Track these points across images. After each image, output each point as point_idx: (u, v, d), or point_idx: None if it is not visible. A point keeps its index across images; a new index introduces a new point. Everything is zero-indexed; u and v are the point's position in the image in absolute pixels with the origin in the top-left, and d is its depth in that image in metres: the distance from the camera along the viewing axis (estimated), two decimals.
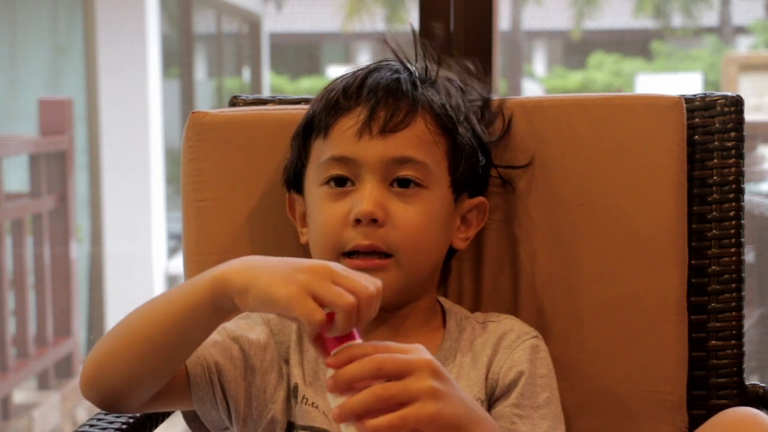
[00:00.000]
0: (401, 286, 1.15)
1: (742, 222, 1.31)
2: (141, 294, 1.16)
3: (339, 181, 1.16)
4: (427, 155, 1.15)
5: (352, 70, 1.21)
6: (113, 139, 5.70)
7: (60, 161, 4.38)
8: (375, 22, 12.89)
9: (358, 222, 1.13)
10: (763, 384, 1.32)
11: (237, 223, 1.31)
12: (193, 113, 1.33)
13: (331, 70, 12.97)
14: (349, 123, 1.15)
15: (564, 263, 1.29)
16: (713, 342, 1.31)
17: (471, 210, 1.23)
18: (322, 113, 1.18)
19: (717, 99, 1.33)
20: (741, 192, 1.32)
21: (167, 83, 6.76)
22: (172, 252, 6.46)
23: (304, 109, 1.25)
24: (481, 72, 1.30)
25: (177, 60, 7.51)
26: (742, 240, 1.31)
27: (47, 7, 5.67)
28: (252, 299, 0.95)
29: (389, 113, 1.15)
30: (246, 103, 1.42)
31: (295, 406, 1.15)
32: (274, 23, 13.15)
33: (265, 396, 1.14)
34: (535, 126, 1.31)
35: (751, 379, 1.32)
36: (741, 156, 1.32)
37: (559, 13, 14.95)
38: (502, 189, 1.30)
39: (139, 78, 5.90)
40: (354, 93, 1.17)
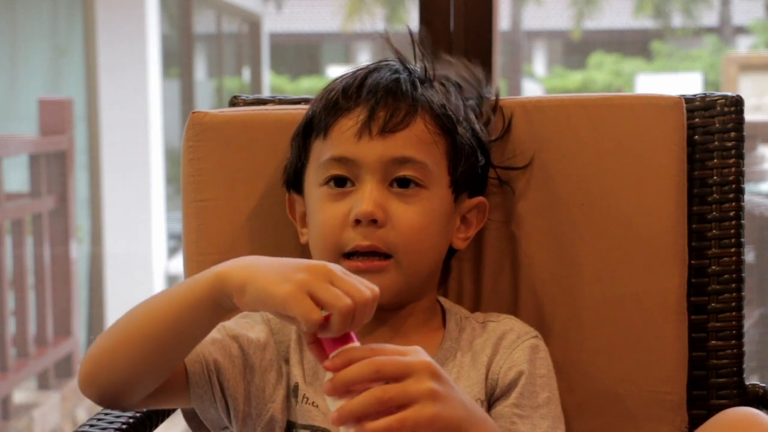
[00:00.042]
0: (401, 286, 1.15)
1: (742, 222, 1.31)
2: (141, 294, 1.16)
3: (339, 182, 1.16)
4: (427, 155, 1.15)
5: (351, 70, 1.21)
6: (113, 139, 5.70)
7: (60, 161, 4.38)
8: (375, 22, 12.90)
9: (357, 222, 1.13)
10: (763, 384, 1.32)
11: (237, 223, 1.31)
12: (193, 113, 1.33)
13: (331, 70, 12.97)
14: (349, 123, 1.15)
15: (564, 263, 1.29)
16: (713, 342, 1.31)
17: (471, 210, 1.23)
18: (321, 113, 1.18)
19: (717, 99, 1.33)
20: (741, 192, 1.32)
21: (167, 83, 6.76)
22: (172, 252, 6.46)
23: (304, 109, 1.25)
24: (481, 72, 1.30)
25: (177, 60, 7.51)
26: (742, 240, 1.31)
27: (47, 7, 5.67)
28: (249, 297, 0.95)
29: (389, 113, 1.15)
30: (246, 103, 1.42)
31: (296, 405, 1.15)
32: (274, 23, 13.15)
33: (264, 395, 1.14)
34: (535, 126, 1.31)
35: (751, 379, 1.32)
36: (741, 156, 1.32)
37: (559, 13, 14.95)
38: (501, 189, 1.30)
39: (139, 78, 5.90)
40: (354, 93, 1.17)
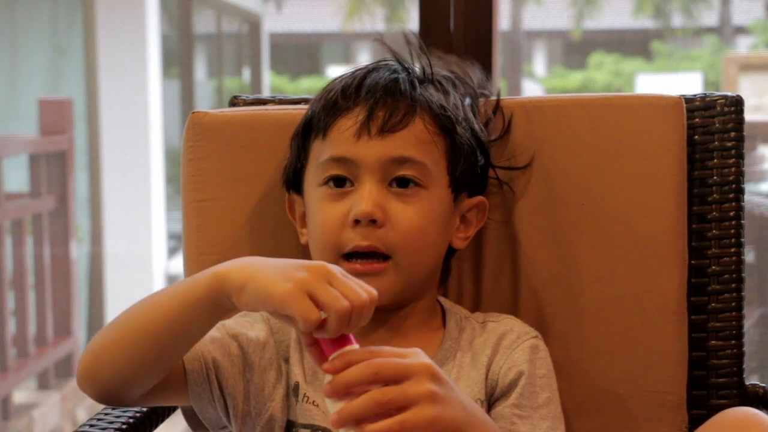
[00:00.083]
0: (400, 287, 1.15)
1: (742, 222, 1.31)
2: (141, 294, 1.16)
3: (338, 182, 1.16)
4: (426, 155, 1.15)
5: (351, 70, 1.21)
6: (113, 139, 5.70)
7: (60, 161, 4.38)
8: (375, 22, 12.90)
9: (357, 223, 1.13)
10: (763, 384, 1.32)
11: (237, 223, 1.31)
12: (193, 113, 1.33)
13: (331, 70, 12.98)
14: (348, 123, 1.15)
15: (564, 263, 1.29)
16: (713, 342, 1.31)
17: (470, 209, 1.23)
18: (320, 113, 1.18)
19: (717, 99, 1.33)
20: (741, 192, 1.32)
21: (167, 83, 6.76)
22: (172, 252, 6.46)
23: (304, 109, 1.25)
24: (480, 71, 1.30)
25: (177, 60, 7.51)
26: (742, 240, 1.31)
27: (47, 7, 5.68)
28: (248, 296, 0.95)
29: (388, 113, 1.15)
30: (246, 103, 1.42)
31: (296, 404, 1.15)
32: (274, 23, 13.15)
33: (264, 394, 1.14)
34: (535, 126, 1.31)
35: (751, 379, 1.33)
36: (741, 156, 1.32)
37: (559, 13, 14.96)
38: (501, 189, 1.30)
39: (139, 78, 5.90)
40: (352, 93, 1.17)
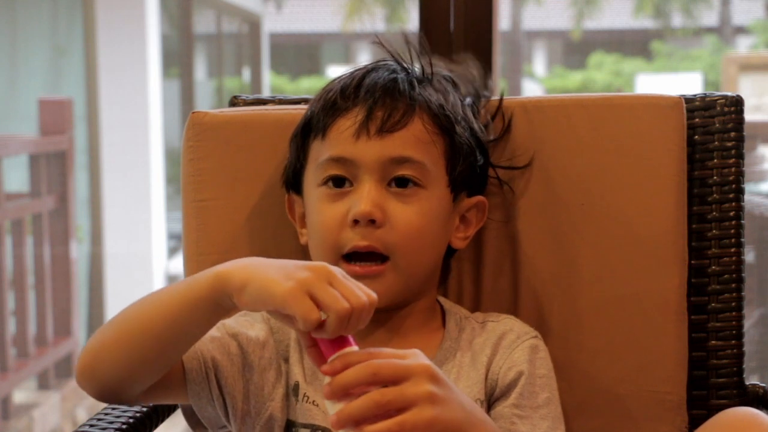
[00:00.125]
0: (399, 288, 1.15)
1: (742, 222, 1.31)
2: (141, 294, 1.16)
3: (337, 182, 1.16)
4: (425, 155, 1.15)
5: (350, 70, 1.21)
6: (113, 139, 5.70)
7: (60, 161, 4.38)
8: (375, 22, 12.90)
9: (356, 223, 1.13)
10: (763, 384, 1.32)
11: (237, 223, 1.31)
12: (193, 113, 1.33)
13: (331, 70, 12.98)
14: (347, 123, 1.15)
15: (564, 263, 1.29)
16: (713, 342, 1.31)
17: (470, 209, 1.23)
18: (320, 114, 1.18)
19: (717, 99, 1.33)
20: (741, 192, 1.32)
21: (167, 83, 6.76)
22: (172, 252, 6.46)
23: (303, 109, 1.24)
24: (480, 70, 1.30)
25: (177, 60, 7.52)
26: (742, 240, 1.31)
27: (47, 7, 5.68)
28: (249, 296, 0.95)
29: (386, 113, 1.15)
30: (246, 103, 1.42)
31: (296, 404, 1.15)
32: (274, 23, 13.15)
33: (263, 393, 1.14)
34: (535, 126, 1.31)
35: (751, 379, 1.32)
36: (741, 156, 1.32)
37: (559, 13, 14.96)
38: (501, 189, 1.30)
39: (139, 78, 5.90)
40: (351, 93, 1.17)
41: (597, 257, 1.29)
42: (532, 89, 13.48)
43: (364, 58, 14.61)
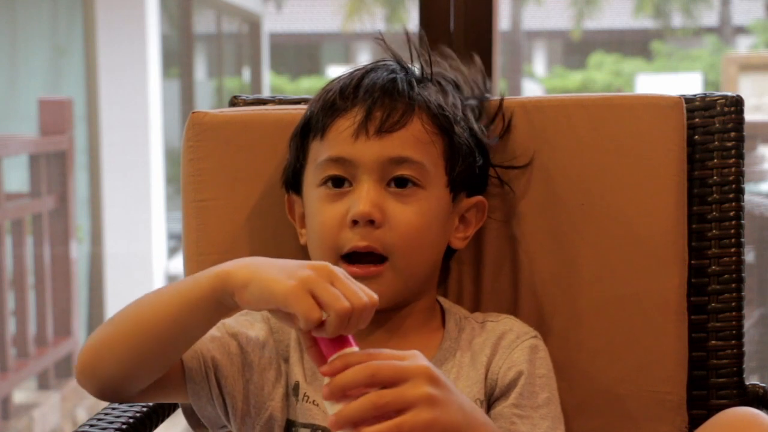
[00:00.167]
0: (399, 288, 1.15)
1: (742, 222, 1.31)
2: (141, 294, 1.16)
3: (336, 182, 1.16)
4: (424, 155, 1.15)
5: (349, 70, 1.21)
6: (113, 139, 5.70)
7: (60, 161, 4.38)
8: (375, 22, 12.91)
9: (355, 223, 1.13)
10: (763, 384, 1.32)
11: (237, 223, 1.31)
12: (193, 113, 1.33)
13: (331, 70, 12.98)
14: (346, 124, 1.15)
15: (564, 263, 1.29)
16: (713, 342, 1.31)
17: (469, 209, 1.23)
18: (319, 114, 1.18)
19: (717, 99, 1.33)
20: (741, 192, 1.32)
21: (167, 83, 6.76)
22: (172, 252, 6.47)
23: (303, 109, 1.24)
24: (481, 69, 1.30)
25: (177, 60, 7.52)
26: (742, 240, 1.31)
27: (47, 7, 5.68)
28: (251, 294, 0.95)
29: (385, 113, 1.14)
30: (246, 103, 1.42)
31: (296, 404, 1.15)
32: (274, 23, 13.16)
33: (263, 393, 1.14)
34: (535, 126, 1.31)
35: (751, 379, 1.32)
36: (741, 156, 1.32)
37: (559, 13, 14.97)
38: (502, 189, 1.30)
39: (139, 78, 5.90)
40: (350, 93, 1.16)
41: (597, 257, 1.29)
42: (532, 89, 13.49)
43: (364, 58, 14.62)
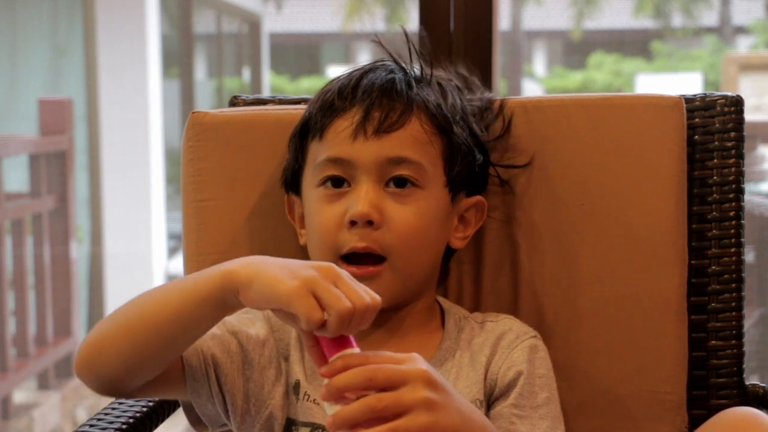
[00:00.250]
0: (398, 289, 1.15)
1: (742, 222, 1.31)
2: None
3: (336, 182, 1.16)
4: (423, 155, 1.15)
5: (348, 70, 1.21)
6: (113, 139, 5.70)
7: (60, 161, 4.38)
8: (375, 22, 12.91)
9: (353, 224, 1.13)
10: (763, 384, 1.32)
11: (237, 223, 1.31)
12: (193, 113, 1.33)
13: (331, 70, 12.98)
14: (344, 124, 1.15)
15: (564, 263, 1.29)
16: (713, 342, 1.31)
17: (469, 209, 1.23)
18: (317, 114, 1.18)
19: (717, 99, 1.33)
20: (741, 192, 1.32)
21: (167, 83, 6.76)
22: (172, 252, 6.47)
23: (303, 109, 1.24)
24: (478, 74, 1.30)
25: (177, 60, 7.52)
26: (742, 240, 1.31)
27: (47, 7, 5.68)
28: (254, 293, 0.95)
29: (384, 114, 1.14)
30: (246, 103, 1.42)
31: (297, 402, 1.15)
32: (274, 23, 13.16)
33: (263, 392, 1.14)
34: (535, 126, 1.31)
35: (751, 379, 1.32)
36: (741, 156, 1.32)
37: (559, 13, 14.97)
38: (502, 189, 1.30)
39: (139, 78, 5.91)
40: (349, 94, 1.16)
41: (597, 257, 1.29)
42: (532, 89, 13.49)
43: (364, 58, 14.61)
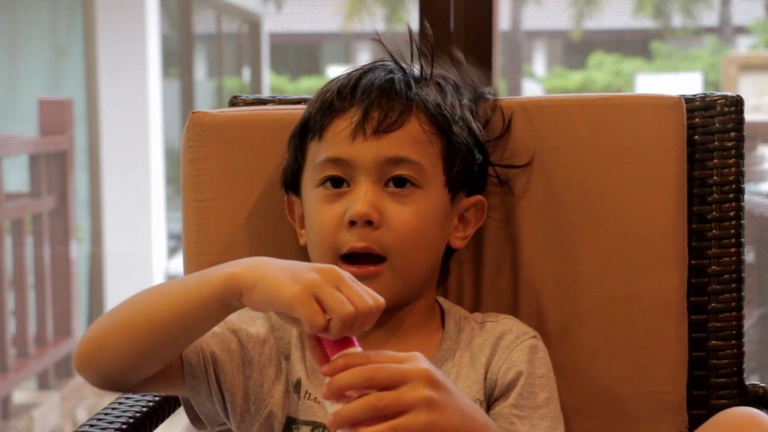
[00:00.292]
0: (397, 289, 1.15)
1: (742, 222, 1.31)
2: None
3: (335, 183, 1.16)
4: (422, 155, 1.15)
5: (348, 70, 1.21)
6: (113, 139, 5.71)
7: (60, 161, 4.38)
8: (375, 22, 12.91)
9: (352, 224, 1.13)
10: (763, 384, 1.32)
11: (237, 223, 1.31)
12: (193, 113, 1.33)
13: (331, 70, 12.99)
14: (343, 124, 1.15)
15: (564, 263, 1.29)
16: (713, 342, 1.31)
17: (469, 209, 1.23)
18: (317, 115, 1.18)
19: (717, 99, 1.33)
20: (741, 192, 1.32)
21: (167, 83, 6.76)
22: (172, 252, 6.47)
23: (303, 109, 1.24)
24: (478, 70, 1.30)
25: (177, 60, 7.52)
26: (742, 240, 1.31)
27: (47, 7, 5.68)
28: (258, 296, 0.95)
29: (383, 114, 1.14)
30: (246, 103, 1.42)
31: (298, 401, 1.15)
32: (274, 23, 13.16)
33: (263, 390, 1.14)
34: (535, 126, 1.31)
35: (751, 379, 1.32)
36: (741, 156, 1.32)
37: (559, 13, 14.97)
38: (501, 189, 1.30)
39: (139, 78, 5.91)
40: (348, 94, 1.16)
41: (597, 257, 1.28)
42: (532, 89, 13.49)
43: (364, 58, 14.62)
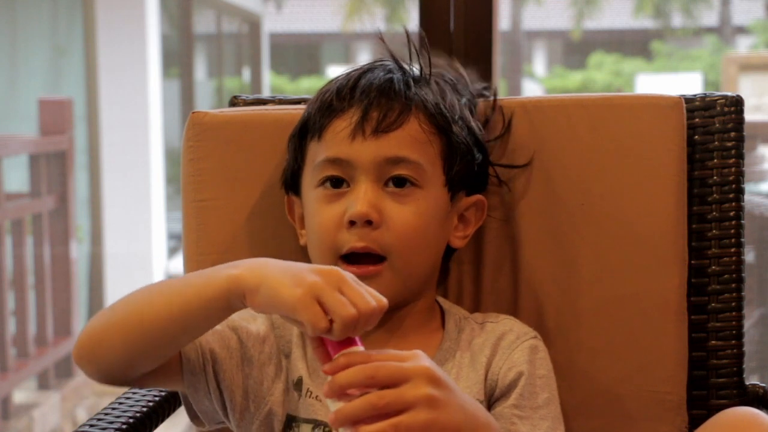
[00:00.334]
0: (397, 289, 1.15)
1: (742, 222, 1.31)
2: None
3: (335, 183, 1.16)
4: (421, 155, 1.15)
5: (347, 70, 1.21)
6: (113, 139, 5.71)
7: (60, 161, 4.38)
8: (375, 22, 12.92)
9: (352, 224, 1.13)
10: (763, 384, 1.32)
11: (237, 223, 1.31)
12: (193, 113, 1.33)
13: (331, 70, 12.99)
14: (343, 124, 1.15)
15: (564, 263, 1.29)
16: (713, 342, 1.31)
17: (469, 208, 1.23)
18: (316, 115, 1.18)
19: (717, 99, 1.33)
20: (741, 192, 1.32)
21: (167, 83, 6.77)
22: (172, 252, 6.47)
23: (303, 110, 1.24)
24: (478, 71, 1.30)
25: (177, 60, 7.52)
26: (742, 240, 1.31)
27: (47, 7, 5.68)
28: (261, 298, 0.96)
29: (382, 114, 1.14)
30: (246, 103, 1.42)
31: (299, 399, 1.15)
32: (274, 23, 13.17)
33: (262, 388, 1.15)
34: (535, 126, 1.31)
35: (751, 379, 1.32)
36: (741, 156, 1.32)
37: (559, 13, 14.97)
38: (501, 189, 1.30)
39: (139, 78, 5.91)
40: (347, 94, 1.16)
41: (597, 257, 1.29)
42: (532, 89, 13.50)
43: (364, 58, 14.62)
